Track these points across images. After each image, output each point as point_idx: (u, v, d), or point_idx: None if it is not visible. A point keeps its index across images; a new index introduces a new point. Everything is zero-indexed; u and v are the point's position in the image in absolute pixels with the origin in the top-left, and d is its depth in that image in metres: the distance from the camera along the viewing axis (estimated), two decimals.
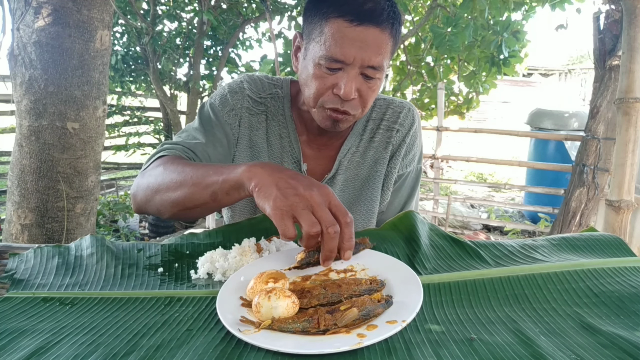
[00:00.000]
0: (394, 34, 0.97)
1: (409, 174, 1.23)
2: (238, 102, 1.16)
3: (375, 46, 0.94)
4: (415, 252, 0.84)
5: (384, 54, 0.96)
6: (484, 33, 4.05)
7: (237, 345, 0.59)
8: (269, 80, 1.21)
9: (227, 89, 1.19)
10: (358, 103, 1.00)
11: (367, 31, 0.93)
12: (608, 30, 3.08)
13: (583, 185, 3.46)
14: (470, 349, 0.56)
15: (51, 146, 2.33)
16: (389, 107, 1.20)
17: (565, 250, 0.84)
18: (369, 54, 0.94)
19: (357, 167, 1.18)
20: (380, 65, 0.96)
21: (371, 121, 1.20)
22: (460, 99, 5.70)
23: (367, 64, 0.95)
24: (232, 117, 1.15)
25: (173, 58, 6.14)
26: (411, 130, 1.19)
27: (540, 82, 16.21)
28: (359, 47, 0.93)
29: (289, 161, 1.17)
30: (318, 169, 1.18)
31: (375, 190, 1.19)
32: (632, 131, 1.99)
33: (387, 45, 0.96)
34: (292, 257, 0.82)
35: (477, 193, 7.32)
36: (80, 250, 0.88)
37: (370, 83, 0.99)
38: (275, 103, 1.18)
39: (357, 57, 0.94)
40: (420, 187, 1.28)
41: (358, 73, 0.96)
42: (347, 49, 0.93)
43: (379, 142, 1.19)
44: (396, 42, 1.00)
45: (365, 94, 0.99)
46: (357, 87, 0.97)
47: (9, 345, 0.60)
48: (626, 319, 0.63)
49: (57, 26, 2.24)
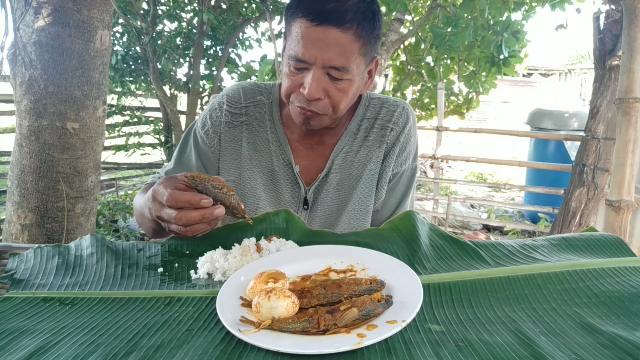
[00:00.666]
0: (362, 35, 0.96)
1: (403, 172, 1.22)
2: (217, 119, 1.20)
3: (336, 47, 0.94)
4: (415, 252, 0.84)
5: (348, 55, 0.95)
6: (484, 33, 4.05)
7: (237, 345, 0.59)
8: (254, 87, 1.23)
9: (209, 107, 1.24)
10: (327, 104, 1.00)
11: (327, 32, 0.93)
12: (608, 30, 3.08)
13: (583, 185, 3.46)
14: (470, 349, 0.56)
15: (51, 146, 2.33)
16: (383, 106, 1.20)
17: (565, 250, 0.84)
18: (329, 54, 0.94)
19: (351, 166, 1.19)
20: (344, 66, 0.96)
21: (365, 120, 1.20)
22: (460, 99, 5.70)
23: (328, 64, 0.95)
24: (210, 136, 1.20)
25: (173, 58, 6.14)
26: (405, 129, 1.19)
27: (540, 82, 16.20)
28: (319, 47, 0.94)
29: (280, 164, 1.18)
30: (312, 168, 1.19)
31: (370, 189, 1.19)
32: (632, 131, 1.99)
33: (351, 47, 0.95)
34: (292, 257, 0.82)
35: (477, 193, 7.32)
36: (80, 250, 0.88)
37: (338, 84, 0.98)
38: (260, 110, 1.20)
39: (319, 58, 0.94)
40: (416, 186, 1.29)
41: (323, 74, 0.97)
42: (307, 49, 0.94)
43: (373, 141, 1.19)
44: (368, 43, 0.99)
45: (333, 95, 0.99)
46: (324, 88, 0.98)
47: (9, 345, 0.60)
48: (626, 319, 0.63)
49: (57, 26, 2.24)
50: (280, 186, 1.19)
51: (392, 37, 4.56)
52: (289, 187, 1.19)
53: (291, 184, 1.19)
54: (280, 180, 1.19)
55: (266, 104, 1.21)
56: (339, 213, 1.18)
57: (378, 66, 1.12)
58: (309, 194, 1.18)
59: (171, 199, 0.84)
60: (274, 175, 1.19)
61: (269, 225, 0.95)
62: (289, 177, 1.18)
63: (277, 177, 1.19)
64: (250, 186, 1.18)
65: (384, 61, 4.52)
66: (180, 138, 1.28)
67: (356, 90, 1.06)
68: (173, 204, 0.84)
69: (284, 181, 1.19)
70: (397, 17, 4.59)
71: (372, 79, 1.12)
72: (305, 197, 1.18)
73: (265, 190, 1.19)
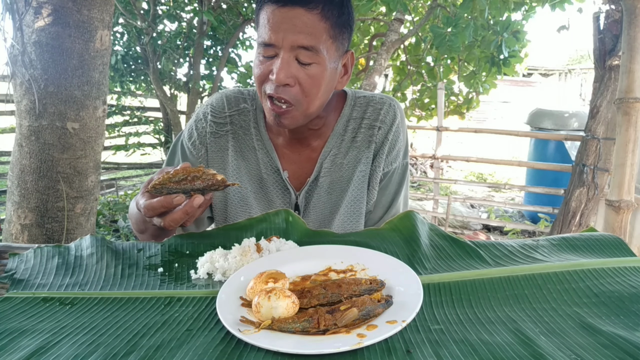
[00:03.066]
0: (329, 17, 0.96)
1: (394, 170, 1.21)
2: (202, 130, 1.19)
3: (303, 26, 0.94)
4: (415, 252, 0.84)
5: (315, 35, 0.95)
6: (484, 33, 4.05)
7: (237, 345, 0.59)
8: (238, 95, 1.22)
9: (194, 117, 1.22)
10: (298, 91, 0.99)
11: (292, 11, 0.94)
12: (608, 30, 3.08)
13: (583, 185, 3.46)
14: (470, 349, 0.56)
15: (51, 146, 2.33)
16: (369, 105, 1.19)
17: (565, 250, 0.84)
18: (296, 34, 0.94)
19: (341, 169, 1.17)
20: (312, 45, 0.95)
21: (352, 120, 1.18)
22: (460, 99, 5.70)
23: (296, 44, 0.95)
24: (197, 147, 1.19)
25: (173, 58, 6.14)
26: (393, 127, 1.17)
27: (540, 82, 16.19)
28: (286, 28, 0.94)
29: (268, 171, 1.17)
30: (300, 172, 1.18)
31: (361, 190, 1.17)
32: (632, 131, 1.99)
33: (318, 26, 0.95)
34: (292, 257, 0.82)
35: (477, 193, 7.32)
36: (80, 250, 0.88)
37: (308, 69, 0.98)
38: (244, 117, 1.19)
39: (286, 39, 0.94)
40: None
41: (292, 58, 0.96)
42: (274, 31, 0.95)
43: (361, 142, 1.17)
44: (336, 26, 0.98)
45: (304, 81, 0.98)
46: (294, 74, 0.97)
47: (9, 345, 0.60)
48: (626, 319, 0.63)
49: (57, 26, 2.24)
50: (271, 193, 1.18)
51: (392, 37, 4.56)
52: (279, 193, 1.18)
53: (281, 190, 1.18)
54: (270, 187, 1.18)
55: (250, 111, 1.20)
56: (331, 216, 1.17)
57: (354, 61, 1.10)
58: (300, 198, 1.17)
59: (147, 211, 0.85)
60: (263, 182, 1.18)
61: (269, 226, 0.95)
62: (279, 183, 1.17)
63: (266, 184, 1.18)
64: (241, 195, 1.17)
65: (384, 61, 4.52)
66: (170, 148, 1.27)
67: (329, 82, 1.03)
68: (153, 214, 0.85)
69: (274, 188, 1.18)
70: (397, 17, 4.59)
71: (349, 74, 1.10)
72: (296, 202, 1.17)
73: (255, 198, 1.18)
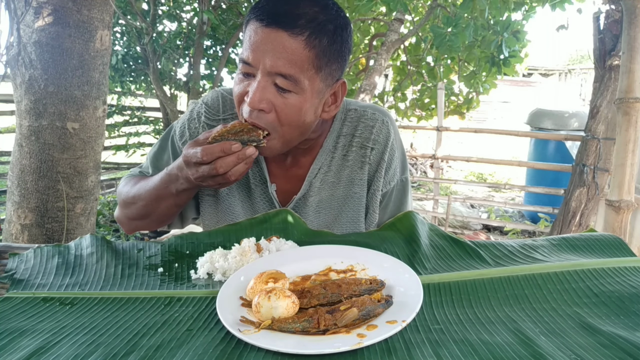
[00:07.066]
0: (314, 45, 0.89)
1: (393, 188, 1.17)
2: (195, 130, 1.14)
3: (283, 51, 0.87)
4: (415, 252, 0.84)
5: (296, 63, 0.88)
6: (484, 33, 4.05)
7: (237, 345, 0.59)
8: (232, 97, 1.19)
9: (187, 115, 1.17)
10: (274, 119, 0.92)
11: (275, 34, 0.87)
12: (608, 30, 3.08)
13: (583, 185, 3.46)
14: (470, 349, 0.56)
15: (51, 146, 2.33)
16: (360, 121, 1.12)
17: (565, 250, 0.84)
18: (275, 59, 0.87)
19: (333, 188, 1.13)
20: (290, 74, 0.88)
21: (342, 137, 1.12)
22: (460, 99, 5.70)
23: (274, 70, 0.88)
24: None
25: (173, 58, 6.14)
26: (388, 146, 1.12)
27: (540, 82, 16.20)
28: (265, 50, 0.87)
29: (256, 182, 1.13)
30: (287, 187, 1.13)
31: (358, 211, 1.13)
32: (632, 131, 1.99)
33: (300, 54, 0.88)
34: (292, 257, 0.82)
35: (477, 193, 7.32)
36: (80, 249, 0.88)
37: (286, 98, 0.91)
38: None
39: (264, 62, 0.88)
40: (411, 195, 1.24)
41: (270, 83, 0.90)
42: (253, 51, 0.89)
43: (353, 161, 1.12)
44: (323, 57, 0.91)
45: (280, 109, 0.91)
46: (270, 100, 0.90)
47: (9, 345, 0.60)
48: (626, 319, 0.63)
49: (57, 26, 2.24)
50: (257, 204, 1.14)
51: (392, 37, 4.55)
52: (265, 206, 1.14)
53: (267, 202, 1.14)
54: (257, 198, 1.14)
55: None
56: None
57: (346, 90, 1.01)
58: None
59: (205, 153, 0.88)
60: (251, 192, 1.14)
61: (269, 226, 0.95)
62: (266, 196, 1.14)
63: (254, 195, 1.14)
64: (228, 203, 1.14)
65: (384, 61, 4.52)
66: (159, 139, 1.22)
67: (310, 113, 0.95)
68: (208, 158, 0.88)
69: (261, 200, 1.14)
70: (397, 17, 4.59)
71: (338, 104, 1.02)
72: None
73: (242, 207, 1.15)
